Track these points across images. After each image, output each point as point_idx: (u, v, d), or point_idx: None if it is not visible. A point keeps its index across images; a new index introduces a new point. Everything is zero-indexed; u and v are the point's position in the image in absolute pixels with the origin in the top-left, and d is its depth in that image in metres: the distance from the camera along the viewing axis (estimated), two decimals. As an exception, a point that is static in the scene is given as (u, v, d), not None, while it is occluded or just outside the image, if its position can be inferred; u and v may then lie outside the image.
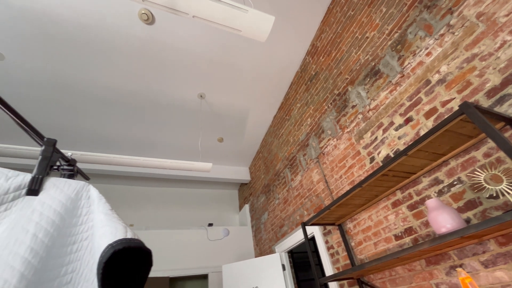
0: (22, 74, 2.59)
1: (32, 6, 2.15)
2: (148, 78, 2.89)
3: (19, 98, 2.82)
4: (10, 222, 0.54)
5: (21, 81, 2.65)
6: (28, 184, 0.59)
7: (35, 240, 0.54)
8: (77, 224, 0.62)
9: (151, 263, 0.59)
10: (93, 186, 0.69)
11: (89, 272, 0.59)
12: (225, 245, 3.89)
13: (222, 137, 3.98)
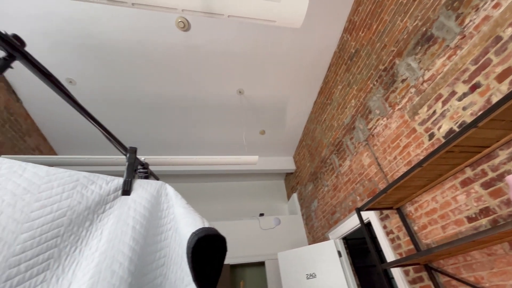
0: (89, 94, 3.02)
1: (90, 33, 2.47)
2: (190, 82, 3.08)
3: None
4: (115, 217, 0.67)
5: (89, 100, 3.09)
6: (122, 186, 0.72)
7: (134, 231, 0.65)
8: (161, 217, 0.73)
9: (226, 248, 0.67)
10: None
11: (177, 257, 0.69)
12: (278, 234, 4.00)
13: (263, 129, 4.04)
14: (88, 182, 0.69)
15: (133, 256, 0.61)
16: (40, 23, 2.32)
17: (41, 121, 3.23)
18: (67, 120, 3.27)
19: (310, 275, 2.99)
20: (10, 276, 0.52)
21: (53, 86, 0.53)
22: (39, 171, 0.64)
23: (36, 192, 0.61)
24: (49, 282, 0.56)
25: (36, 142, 3.26)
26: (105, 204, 0.68)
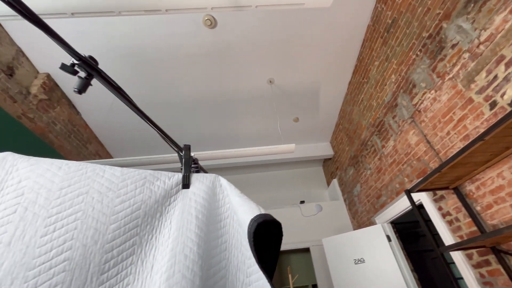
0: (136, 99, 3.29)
1: (130, 45, 2.67)
2: (221, 77, 3.16)
3: (136, 120, 3.61)
4: (179, 208, 0.75)
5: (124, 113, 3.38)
6: (181, 180, 0.80)
7: (198, 220, 0.72)
8: (218, 207, 0.79)
9: (281, 233, 0.71)
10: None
11: (236, 242, 0.75)
12: (320, 220, 3.98)
13: (297, 116, 3.98)
14: (154, 178, 0.77)
15: (200, 242, 0.68)
16: (86, 41, 2.59)
17: (98, 129, 3.64)
18: (120, 127, 3.63)
19: (358, 260, 2.94)
20: (107, 260, 0.63)
21: (120, 96, 0.60)
22: (115, 172, 0.74)
23: (116, 190, 0.71)
24: (136, 264, 0.66)
25: (96, 148, 3.70)
26: (170, 197, 0.77)
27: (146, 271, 0.65)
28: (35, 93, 2.66)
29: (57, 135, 2.97)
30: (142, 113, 0.69)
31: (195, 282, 0.62)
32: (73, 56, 0.48)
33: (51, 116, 2.89)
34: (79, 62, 0.48)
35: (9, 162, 0.69)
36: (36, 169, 0.69)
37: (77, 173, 0.71)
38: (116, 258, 0.64)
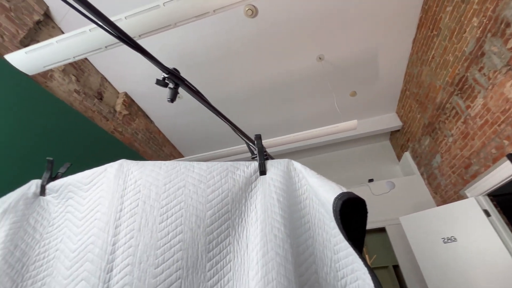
0: (191, 102, 3.59)
1: (180, 52, 2.91)
2: (269, 64, 3.15)
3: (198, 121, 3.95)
4: (261, 193, 0.81)
5: (190, 109, 3.69)
6: (258, 168, 0.85)
7: (279, 202, 0.77)
8: (296, 189, 0.82)
9: (366, 210, 0.69)
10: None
11: (319, 221, 0.77)
12: (394, 198, 3.67)
13: (354, 90, 3.69)
14: (234, 169, 0.85)
15: (286, 223, 0.73)
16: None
17: (169, 133, 4.13)
18: (186, 129, 4.05)
19: (447, 239, 2.62)
20: (210, 240, 0.73)
21: (199, 99, 0.68)
22: (202, 166, 0.85)
23: (206, 181, 0.81)
24: (233, 244, 0.75)
25: (170, 150, 4.23)
26: (250, 184, 0.83)
27: (242, 249, 0.74)
28: (119, 110, 3.18)
29: (140, 142, 3.51)
30: (218, 111, 0.76)
31: (288, 258, 0.67)
32: (163, 71, 0.56)
33: (133, 128, 3.41)
34: (168, 75, 0.57)
35: (126, 166, 0.86)
36: (144, 170, 0.84)
37: (173, 170, 0.84)
38: (217, 239, 0.74)
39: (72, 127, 2.44)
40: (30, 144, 1.99)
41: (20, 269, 0.74)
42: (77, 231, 0.79)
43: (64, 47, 1.58)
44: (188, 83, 0.63)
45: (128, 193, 0.81)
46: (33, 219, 0.83)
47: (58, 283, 0.71)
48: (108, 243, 0.73)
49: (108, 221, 0.76)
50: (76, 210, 0.83)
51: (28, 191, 0.88)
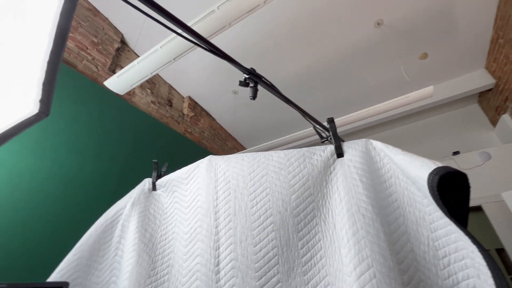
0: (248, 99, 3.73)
1: (234, 48, 3.02)
2: (323, 43, 3.00)
3: (256, 111, 4.09)
4: (341, 175, 0.82)
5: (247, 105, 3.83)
6: (335, 150, 0.86)
7: (363, 183, 0.77)
8: (379, 168, 0.80)
9: (468, 184, 0.63)
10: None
11: (408, 199, 0.74)
12: (491, 171, 3.09)
13: (424, 51, 3.20)
14: (310, 154, 0.88)
15: (373, 202, 0.73)
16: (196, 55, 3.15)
17: (230, 128, 4.42)
18: (245, 122, 4.26)
19: None
20: (299, 221, 0.79)
21: (274, 92, 0.73)
22: (280, 154, 0.90)
23: (286, 168, 0.87)
24: (320, 224, 0.79)
25: (233, 144, 4.53)
26: (329, 167, 0.85)
27: (330, 229, 0.77)
28: (186, 113, 3.56)
29: (207, 140, 3.87)
30: (290, 100, 0.80)
31: (380, 236, 0.67)
32: (244, 72, 0.63)
33: (200, 127, 3.78)
34: (249, 76, 0.63)
35: (214, 161, 0.99)
36: (230, 163, 0.96)
37: (254, 161, 0.93)
38: (304, 220, 0.79)
39: (154, 133, 2.87)
40: (129, 150, 2.44)
41: (152, 247, 0.95)
42: (185, 217, 0.96)
43: (143, 66, 1.85)
44: (265, 79, 0.68)
45: (220, 184, 0.93)
46: (152, 209, 1.05)
47: (180, 258, 0.89)
48: (212, 226, 0.86)
49: (208, 208, 0.90)
50: (182, 201, 1.00)
51: (144, 188, 1.11)
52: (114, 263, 0.96)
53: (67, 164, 1.82)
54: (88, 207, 1.84)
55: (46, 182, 1.65)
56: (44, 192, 1.62)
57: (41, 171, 1.64)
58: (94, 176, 2.01)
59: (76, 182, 1.85)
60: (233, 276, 0.76)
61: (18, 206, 1.46)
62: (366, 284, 0.61)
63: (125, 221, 1.03)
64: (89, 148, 2.03)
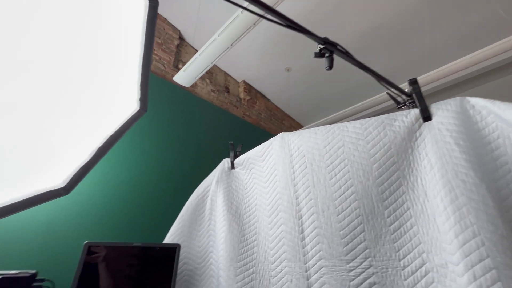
0: (302, 77, 3.59)
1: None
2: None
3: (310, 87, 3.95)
4: (430, 140, 0.75)
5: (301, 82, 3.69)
6: (421, 114, 0.79)
7: (460, 146, 0.69)
8: (479, 129, 0.70)
9: None
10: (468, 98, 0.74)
11: None
12: None
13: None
14: (391, 120, 0.83)
15: (474, 166, 0.65)
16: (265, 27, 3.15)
17: (285, 107, 4.40)
18: (299, 98, 4.17)
19: None
20: (383, 190, 0.77)
21: (349, 59, 0.70)
22: (355, 124, 0.88)
23: (363, 138, 0.84)
24: (408, 193, 0.75)
25: (289, 122, 4.52)
26: (414, 133, 0.79)
27: (421, 197, 0.73)
28: (243, 97, 3.68)
29: (264, 121, 3.96)
30: (365, 66, 0.75)
31: (488, 203, 0.61)
32: (319, 42, 0.63)
33: (257, 109, 3.88)
34: (324, 46, 0.62)
35: (287, 137, 1.03)
36: (302, 138, 0.98)
37: (328, 133, 0.92)
38: (389, 189, 0.77)
39: (217, 119, 3.09)
40: (199, 137, 2.71)
41: (238, 217, 1.08)
42: (265, 191, 1.04)
43: (204, 57, 1.99)
44: (340, 47, 0.66)
45: (295, 158, 0.97)
46: (234, 185, 1.18)
47: (265, 226, 0.98)
48: (292, 197, 0.92)
49: (286, 182, 0.96)
50: (260, 176, 1.09)
51: (224, 167, 1.24)
52: (210, 231, 1.13)
53: (158, 155, 2.16)
54: (179, 187, 2.18)
55: (148, 169, 2.00)
56: (149, 176, 1.98)
57: (143, 162, 1.99)
58: (177, 162, 2.33)
59: (166, 167, 2.18)
60: (318, 242, 0.81)
61: (139, 189, 1.85)
62: (472, 252, 0.57)
63: (212, 196, 1.19)
64: (169, 139, 2.35)
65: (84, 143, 0.95)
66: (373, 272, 0.71)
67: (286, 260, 0.87)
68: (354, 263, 0.74)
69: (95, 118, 0.95)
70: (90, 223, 1.45)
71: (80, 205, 1.46)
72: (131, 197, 1.78)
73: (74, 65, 0.84)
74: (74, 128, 0.90)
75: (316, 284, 0.77)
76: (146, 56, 0.94)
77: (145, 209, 1.82)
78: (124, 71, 1.02)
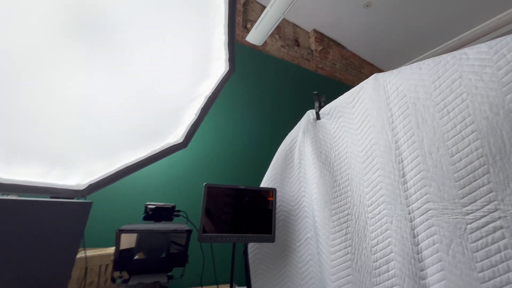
0: (383, 15, 2.99)
1: None
2: None
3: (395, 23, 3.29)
4: None
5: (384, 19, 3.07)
6: None
7: None
8: None
9: None
10: None
11: None
12: None
13: None
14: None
15: None
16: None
17: (364, 53, 3.87)
18: (383, 40, 3.57)
19: None
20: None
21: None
22: (480, 48, 0.71)
23: (493, 64, 0.68)
24: None
25: (369, 70, 4.00)
26: None
27: None
28: (314, 48, 3.42)
29: (340, 72, 3.63)
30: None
31: None
32: None
33: (330, 60, 3.56)
34: None
35: (381, 78, 0.94)
36: (402, 76, 0.87)
37: (438, 66, 0.79)
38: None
39: (289, 75, 3.03)
40: (274, 95, 2.76)
41: (329, 164, 1.11)
42: (357, 138, 1.01)
43: (275, 9, 1.90)
44: None
45: (393, 100, 0.88)
46: (321, 135, 1.19)
47: (359, 172, 0.98)
48: (390, 142, 0.87)
49: (382, 126, 0.90)
50: (350, 124, 1.06)
51: (309, 118, 1.25)
52: (300, 178, 1.22)
53: (246, 113, 2.42)
54: (269, 139, 2.42)
55: (241, 128, 2.33)
56: (241, 133, 2.31)
57: (237, 121, 2.33)
58: (261, 118, 2.51)
59: (256, 125, 2.44)
60: (425, 185, 0.76)
61: (235, 143, 2.24)
62: None
63: (300, 146, 1.24)
64: (251, 102, 2.51)
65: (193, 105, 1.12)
66: (499, 216, 0.63)
67: (384, 203, 0.86)
68: (473, 206, 0.67)
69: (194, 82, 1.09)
70: (206, 170, 1.95)
71: (197, 155, 1.95)
72: (231, 149, 2.19)
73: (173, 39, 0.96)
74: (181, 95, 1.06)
75: (421, 226, 0.75)
76: (231, 15, 0.97)
77: (242, 157, 2.21)
78: (215, 33, 1.08)
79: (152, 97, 0.95)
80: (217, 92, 1.14)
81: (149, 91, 0.92)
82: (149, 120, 0.98)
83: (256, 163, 2.23)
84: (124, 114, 0.89)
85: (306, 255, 1.13)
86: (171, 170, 1.82)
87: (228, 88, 2.21)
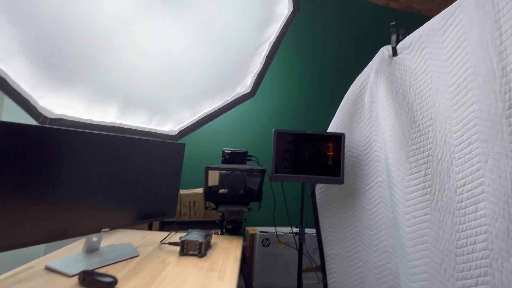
0: None
1: None
2: None
3: None
4: None
5: None
6: None
7: None
8: None
9: None
10: None
11: None
12: None
13: None
14: None
15: None
16: None
17: None
18: None
19: None
20: None
21: None
22: None
23: None
24: None
25: None
26: None
27: None
28: (387, -25, 2.83)
29: (419, 0, 2.97)
30: None
31: None
32: None
33: (407, -13, 2.92)
34: None
35: None
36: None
37: None
38: None
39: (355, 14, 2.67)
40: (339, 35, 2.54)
41: (406, 105, 1.01)
42: (446, 71, 0.88)
43: None
44: None
45: (505, 14, 0.71)
46: (398, 73, 1.07)
47: (445, 110, 0.87)
48: (495, 69, 0.73)
49: (485, 50, 0.75)
50: (437, 54, 0.91)
51: (383, 55, 1.12)
52: (371, 122, 1.16)
53: (313, 57, 2.43)
54: (338, 82, 2.40)
55: (308, 72, 2.39)
56: (309, 77, 2.39)
57: (303, 66, 2.39)
58: (325, 63, 2.46)
59: (321, 69, 2.45)
60: (540, 117, 0.64)
61: (302, 88, 2.35)
62: None
63: (372, 88, 1.15)
64: (313, 47, 2.43)
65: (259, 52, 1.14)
66: None
67: (478, 141, 0.76)
68: None
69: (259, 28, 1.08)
70: (275, 116, 2.16)
71: (263, 104, 2.15)
72: (297, 95, 2.32)
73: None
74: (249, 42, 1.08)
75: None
76: None
77: (308, 102, 2.33)
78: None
79: (223, 46, 1.00)
80: (282, 36, 1.11)
81: (219, 40, 0.97)
82: (224, 68, 1.06)
83: (319, 108, 2.33)
84: (201, 65, 0.98)
85: (377, 197, 1.13)
86: (241, 118, 2.07)
87: (291, 34, 2.15)
